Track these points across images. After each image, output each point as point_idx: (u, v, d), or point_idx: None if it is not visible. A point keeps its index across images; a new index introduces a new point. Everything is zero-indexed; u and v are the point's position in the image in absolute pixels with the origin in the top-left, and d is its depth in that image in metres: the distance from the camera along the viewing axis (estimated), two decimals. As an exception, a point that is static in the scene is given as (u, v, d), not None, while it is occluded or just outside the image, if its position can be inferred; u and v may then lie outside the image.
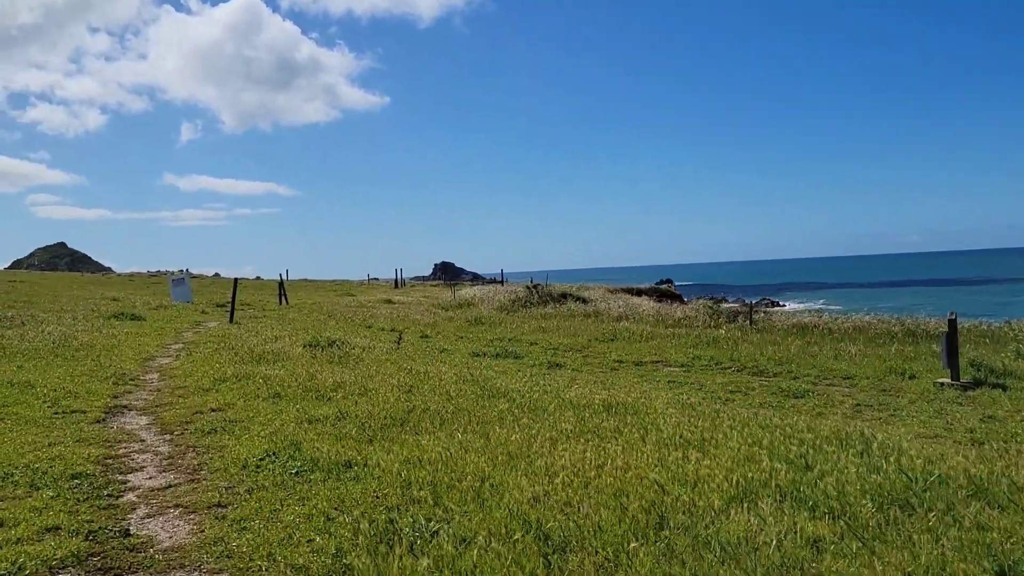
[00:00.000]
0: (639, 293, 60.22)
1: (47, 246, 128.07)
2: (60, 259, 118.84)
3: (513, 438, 6.95)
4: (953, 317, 12.48)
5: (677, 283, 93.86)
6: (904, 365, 13.85)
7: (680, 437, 6.91)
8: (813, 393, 11.67)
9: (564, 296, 29.72)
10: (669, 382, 12.80)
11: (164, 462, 6.99)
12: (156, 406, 9.77)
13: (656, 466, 5.93)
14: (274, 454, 6.83)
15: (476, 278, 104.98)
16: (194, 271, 74.23)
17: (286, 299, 33.94)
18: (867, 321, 20.69)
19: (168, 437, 8.00)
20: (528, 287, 32.15)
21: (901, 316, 21.47)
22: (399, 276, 68.46)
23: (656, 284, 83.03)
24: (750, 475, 5.50)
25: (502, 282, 61.84)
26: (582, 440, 6.98)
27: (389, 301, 34.33)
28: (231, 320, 22.52)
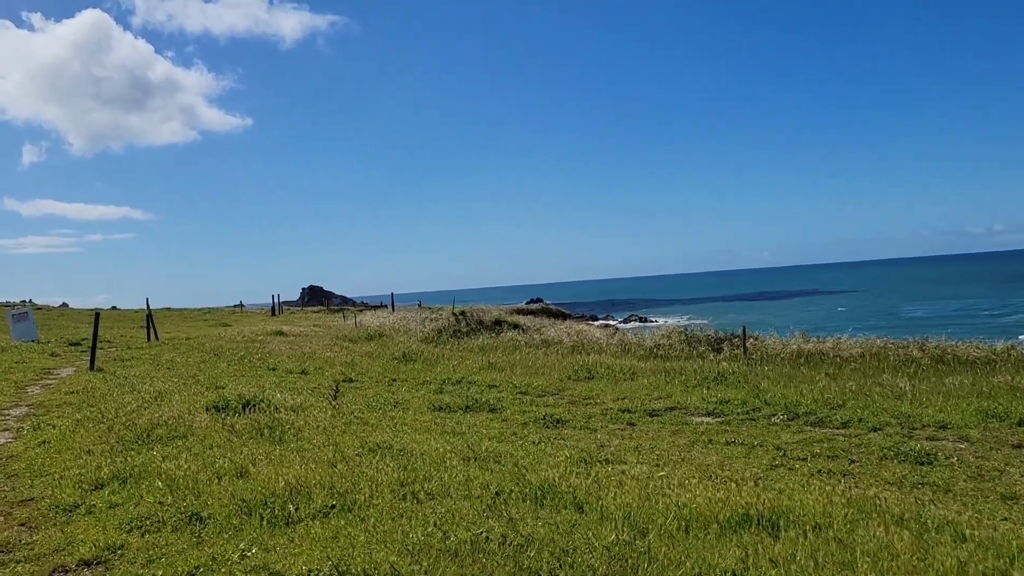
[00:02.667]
0: (529, 313, 57.52)
1: None
2: None
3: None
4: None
5: (547, 302, 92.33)
6: (991, 405, 11.12)
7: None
8: (938, 457, 8.61)
9: (499, 323, 26.11)
10: (727, 443, 9.49)
11: None
12: (-21, 552, 5.59)
13: None
14: None
15: (346, 302, 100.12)
16: (39, 302, 66.19)
17: (156, 334, 28.80)
18: (879, 345, 18.20)
19: (-1, 660, 3.97)
20: (455, 313, 28.37)
21: (919, 337, 19.09)
22: (276, 302, 63.04)
23: (527, 303, 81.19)
24: None
25: (392, 307, 57.71)
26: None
27: (280, 333, 29.73)
28: (92, 366, 17.71)
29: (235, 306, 74.83)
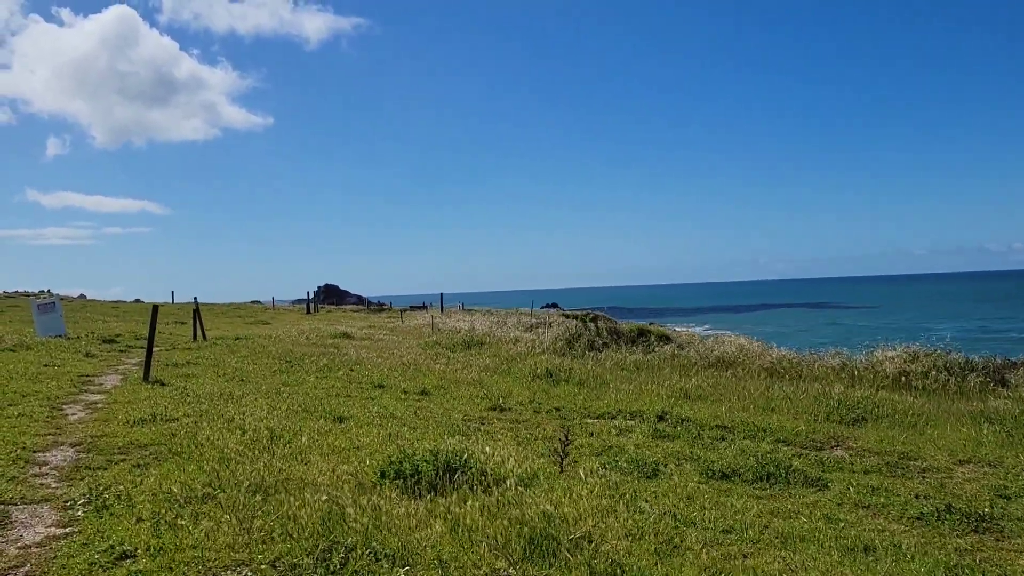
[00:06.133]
0: (571, 318, 53.06)
1: None
2: None
3: None
4: None
5: (561, 308, 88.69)
6: None
7: None
8: None
9: (643, 333, 21.56)
10: None
11: None
12: None
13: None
14: None
15: (361, 301, 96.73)
16: (58, 293, 62.28)
17: (203, 332, 24.50)
18: None
19: None
20: (583, 320, 23.88)
21: None
22: (312, 300, 58.89)
23: (543, 308, 77.74)
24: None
25: (442, 308, 53.47)
26: None
27: (347, 335, 25.36)
28: (147, 376, 13.35)
29: (252, 302, 71.58)
